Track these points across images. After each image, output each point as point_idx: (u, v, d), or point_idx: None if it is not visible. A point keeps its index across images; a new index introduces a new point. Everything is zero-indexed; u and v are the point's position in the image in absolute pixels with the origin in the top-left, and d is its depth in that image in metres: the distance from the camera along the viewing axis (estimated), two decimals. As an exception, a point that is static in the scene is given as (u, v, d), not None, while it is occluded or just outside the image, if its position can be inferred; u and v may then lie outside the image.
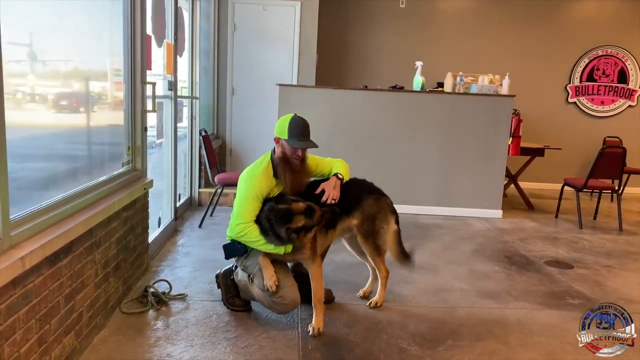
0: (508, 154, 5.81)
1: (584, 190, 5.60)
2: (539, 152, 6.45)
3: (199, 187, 5.68)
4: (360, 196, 3.07)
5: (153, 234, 3.97)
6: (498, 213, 5.79)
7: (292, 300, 2.74)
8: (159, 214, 4.36)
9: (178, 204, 4.98)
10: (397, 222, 3.15)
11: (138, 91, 3.33)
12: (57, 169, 2.59)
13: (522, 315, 3.13)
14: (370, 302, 3.13)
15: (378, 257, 3.08)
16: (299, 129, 2.79)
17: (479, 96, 5.67)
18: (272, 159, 2.84)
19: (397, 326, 2.89)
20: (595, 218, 6.00)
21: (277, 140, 2.82)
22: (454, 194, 5.76)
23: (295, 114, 2.86)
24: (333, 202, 2.82)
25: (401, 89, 5.80)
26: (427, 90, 5.85)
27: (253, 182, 2.74)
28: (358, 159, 5.65)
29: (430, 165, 5.71)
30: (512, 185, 6.62)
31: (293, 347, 2.59)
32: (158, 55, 4.21)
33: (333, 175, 2.96)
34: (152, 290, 3.02)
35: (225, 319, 2.89)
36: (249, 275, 2.84)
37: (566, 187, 5.92)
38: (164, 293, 3.10)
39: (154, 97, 3.49)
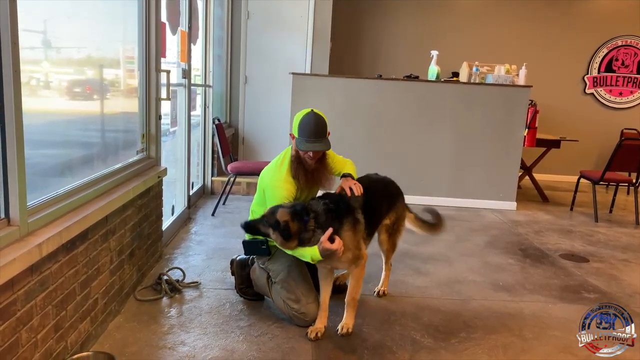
0: (523, 146, 5.74)
1: (600, 183, 5.52)
2: (555, 143, 6.36)
3: (212, 176, 5.69)
4: (396, 197, 3.10)
5: (166, 222, 3.99)
6: (512, 205, 5.73)
7: (313, 316, 2.65)
8: (173, 202, 4.37)
9: (191, 192, 5.00)
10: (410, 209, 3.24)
11: (152, 79, 3.32)
12: (72, 155, 2.60)
13: (536, 309, 3.10)
14: (379, 291, 3.15)
15: (392, 252, 3.14)
16: (311, 129, 2.60)
17: (495, 86, 5.59)
18: (291, 158, 2.70)
19: (411, 317, 2.88)
20: (611, 211, 5.92)
21: (292, 137, 2.70)
22: (468, 185, 5.71)
23: (313, 110, 2.69)
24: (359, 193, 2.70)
25: (416, 78, 5.74)
26: (442, 80, 5.78)
27: (280, 189, 2.62)
28: (371, 148, 5.63)
29: (444, 156, 5.66)
30: (527, 177, 6.55)
31: (306, 337, 2.59)
32: (172, 43, 4.20)
33: (343, 176, 2.84)
34: (165, 277, 3.04)
35: (238, 308, 2.89)
36: (268, 277, 2.81)
37: (582, 180, 5.84)
38: (177, 281, 3.11)
39: (168, 85, 3.48)
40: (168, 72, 3.47)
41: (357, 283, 2.63)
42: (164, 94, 3.47)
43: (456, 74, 6.28)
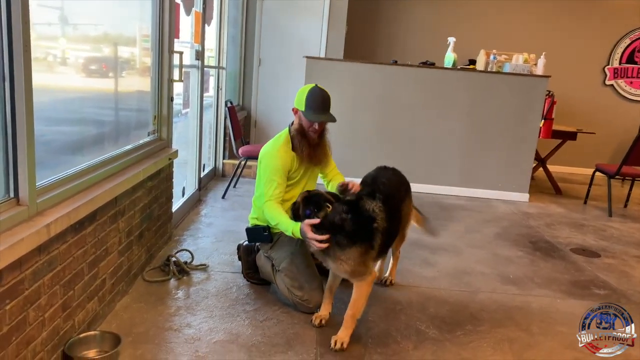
0: (539, 137, 5.65)
1: (616, 177, 5.42)
2: (571, 135, 6.26)
3: (224, 158, 5.70)
4: (406, 192, 2.93)
5: (177, 204, 4.01)
6: (524, 197, 5.67)
7: (317, 303, 2.66)
8: (183, 184, 4.39)
9: (202, 175, 5.01)
10: None
11: (165, 60, 3.30)
12: (85, 134, 2.62)
13: (544, 303, 3.07)
14: (386, 280, 3.10)
15: (402, 243, 3.06)
16: (318, 101, 2.67)
17: (512, 75, 5.48)
18: (290, 132, 2.78)
19: (417, 308, 2.87)
20: (626, 206, 5.83)
21: (295, 111, 2.74)
22: (480, 175, 5.65)
23: (316, 85, 2.74)
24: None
25: (432, 65, 5.65)
26: (458, 67, 5.69)
27: (274, 158, 2.68)
28: (383, 134, 5.58)
29: (457, 144, 5.59)
30: (541, 169, 6.46)
31: (310, 324, 2.59)
32: (186, 23, 4.17)
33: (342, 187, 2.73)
34: (174, 259, 3.06)
35: (245, 292, 2.91)
36: (272, 265, 2.82)
37: (597, 173, 5.74)
38: (185, 263, 3.13)
39: (181, 66, 3.46)
40: (181, 53, 3.45)
41: (358, 298, 2.42)
42: (176, 76, 3.46)
43: (473, 62, 6.18)
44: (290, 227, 2.49)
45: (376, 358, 2.34)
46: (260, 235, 2.81)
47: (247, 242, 3.06)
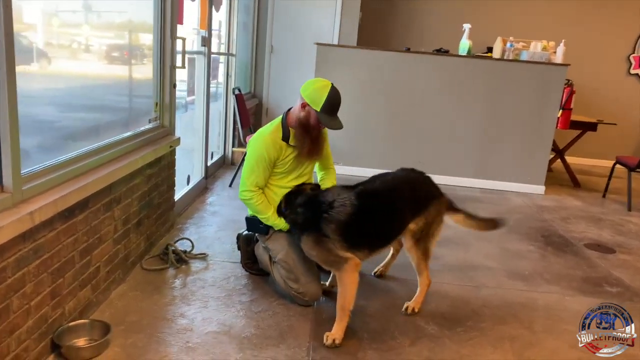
0: (556, 127, 5.47)
1: (637, 170, 5.22)
2: (591, 126, 6.05)
3: (233, 146, 5.66)
4: (427, 200, 2.67)
5: (181, 192, 3.99)
6: (540, 189, 5.51)
7: (313, 296, 2.61)
8: (189, 172, 4.36)
9: (210, 163, 4.98)
10: (455, 208, 2.83)
11: (168, 46, 3.25)
12: (101, 120, 2.77)
13: (552, 300, 2.97)
14: (407, 308, 2.67)
15: (424, 261, 2.67)
16: (335, 106, 2.59)
17: (529, 64, 5.30)
18: (283, 123, 2.68)
19: (417, 302, 2.80)
20: (646, 200, 5.63)
21: (304, 105, 2.61)
22: (495, 166, 5.51)
23: (333, 85, 2.61)
24: None
25: (446, 52, 5.50)
26: (474, 55, 5.52)
27: (259, 144, 2.61)
28: (395, 124, 5.48)
29: (471, 135, 5.45)
30: (559, 161, 6.27)
31: (306, 316, 2.55)
32: (193, 9, 4.12)
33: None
34: (172, 248, 3.03)
35: (242, 282, 2.87)
36: (270, 257, 2.77)
37: (618, 166, 5.54)
38: (185, 252, 3.10)
39: (183, 52, 3.41)
40: (184, 39, 3.39)
41: (344, 289, 2.36)
42: (179, 62, 3.41)
43: (491, 49, 6.00)
44: (279, 225, 2.66)
45: (370, 354, 2.28)
46: (257, 225, 2.77)
47: (246, 232, 3.02)
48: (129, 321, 2.37)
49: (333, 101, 2.58)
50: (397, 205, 2.57)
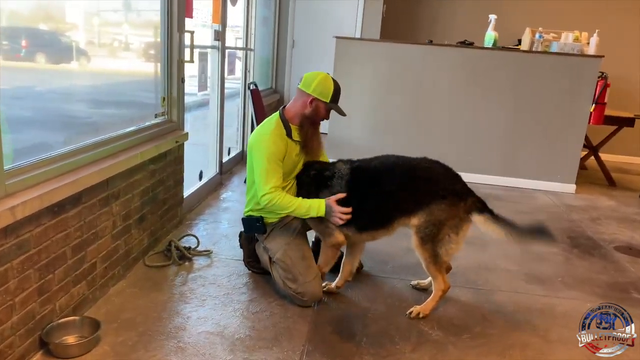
0: (589, 123, 5.19)
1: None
2: (628, 122, 5.71)
3: (252, 142, 5.60)
4: (432, 195, 2.47)
5: (193, 187, 3.96)
6: (571, 188, 5.24)
7: (312, 296, 2.53)
8: (202, 168, 4.33)
9: (227, 159, 4.95)
10: (483, 210, 2.52)
11: (175, 40, 3.21)
12: (126, 115, 2.89)
13: (571, 307, 2.77)
14: (411, 312, 2.51)
15: (434, 265, 2.49)
16: (339, 93, 2.63)
17: (559, 56, 5.04)
18: (283, 120, 2.61)
19: (424, 306, 2.66)
20: (687, 200, 5.28)
21: (311, 100, 2.55)
22: (521, 163, 5.26)
23: (329, 75, 2.64)
24: None
25: (471, 44, 5.29)
26: (500, 47, 5.29)
27: (267, 142, 2.52)
28: (417, 119, 5.31)
29: (497, 130, 5.22)
30: (593, 158, 5.96)
31: (305, 318, 2.46)
32: (205, 2, 4.07)
33: None
34: (175, 244, 2.99)
35: (243, 281, 2.80)
36: (269, 257, 2.69)
37: (656, 164, 5.22)
38: (189, 248, 3.06)
39: (192, 46, 3.36)
40: (192, 32, 3.34)
41: (321, 254, 2.69)
42: (187, 56, 3.36)
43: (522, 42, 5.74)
44: (314, 205, 2.50)
45: (367, 359, 2.17)
46: (254, 225, 2.71)
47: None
48: (123, 318, 2.33)
49: (338, 90, 2.61)
50: (386, 188, 2.52)
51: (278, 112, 2.67)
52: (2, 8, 1.87)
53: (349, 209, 2.47)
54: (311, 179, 2.66)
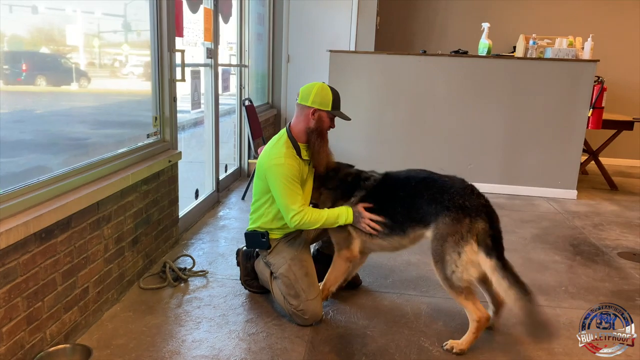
0: (587, 128, 5.15)
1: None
2: (627, 125, 5.67)
3: (249, 158, 5.59)
4: (441, 206, 2.33)
5: (189, 206, 3.92)
6: (572, 193, 5.19)
7: (313, 315, 2.47)
8: (198, 186, 4.30)
9: (224, 176, 4.92)
10: (491, 251, 2.26)
11: (165, 59, 3.20)
12: (123, 135, 2.90)
13: (576, 317, 2.70)
14: (446, 344, 2.34)
15: (452, 292, 2.29)
16: (339, 99, 2.57)
17: (554, 61, 5.01)
18: (291, 139, 2.53)
19: (424, 321, 2.60)
20: (691, 203, 5.22)
21: (313, 112, 2.48)
22: (521, 171, 5.22)
23: (324, 83, 2.57)
24: None
25: (464, 53, 5.27)
26: (494, 55, 5.27)
27: (285, 165, 2.42)
28: (414, 130, 5.28)
29: (495, 139, 5.19)
30: (593, 162, 5.90)
31: (302, 337, 2.40)
32: (196, 21, 4.07)
33: None
34: (169, 266, 2.95)
35: (240, 301, 2.75)
36: (271, 273, 2.65)
37: (657, 166, 5.17)
38: (184, 269, 3.02)
39: (183, 65, 3.35)
40: (182, 51, 3.33)
41: (332, 269, 2.64)
42: (178, 75, 3.35)
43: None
44: (343, 213, 2.50)
45: (366, 379, 2.11)
46: (259, 240, 2.66)
47: (245, 249, 2.91)
48: (115, 344, 2.28)
49: (337, 96, 2.57)
50: (401, 194, 2.51)
51: (285, 130, 2.60)
52: (4, 33, 1.87)
53: (380, 218, 2.47)
54: (348, 182, 2.64)
